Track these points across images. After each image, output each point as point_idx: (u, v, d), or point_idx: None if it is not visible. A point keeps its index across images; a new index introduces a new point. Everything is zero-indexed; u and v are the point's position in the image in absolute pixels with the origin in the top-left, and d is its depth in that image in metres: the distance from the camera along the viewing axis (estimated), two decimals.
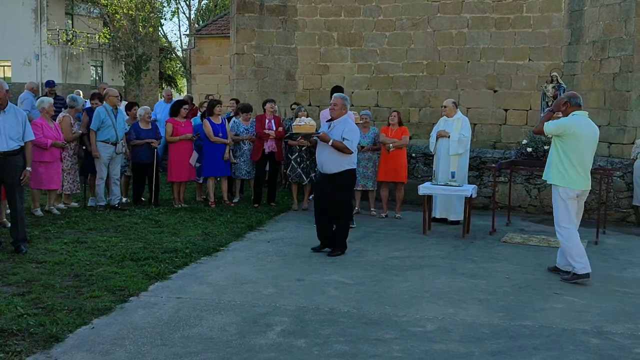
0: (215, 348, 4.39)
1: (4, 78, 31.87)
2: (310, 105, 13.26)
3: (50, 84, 12.96)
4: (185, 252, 6.88)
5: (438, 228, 8.94)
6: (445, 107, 9.38)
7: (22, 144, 6.77)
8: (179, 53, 39.86)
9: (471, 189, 8.48)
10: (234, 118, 10.54)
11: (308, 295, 5.66)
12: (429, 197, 8.73)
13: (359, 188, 9.80)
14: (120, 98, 9.98)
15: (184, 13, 47.85)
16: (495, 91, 12.96)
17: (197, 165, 9.91)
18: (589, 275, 6.30)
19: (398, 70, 13.41)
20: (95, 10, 35.32)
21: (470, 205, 8.59)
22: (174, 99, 12.35)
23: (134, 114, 9.85)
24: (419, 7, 13.15)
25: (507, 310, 5.41)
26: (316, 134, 7.27)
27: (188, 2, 37.52)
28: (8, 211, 7.53)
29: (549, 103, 10.28)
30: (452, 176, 8.76)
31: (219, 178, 10.13)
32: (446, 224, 9.19)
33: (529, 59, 12.67)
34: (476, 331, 4.87)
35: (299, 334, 4.70)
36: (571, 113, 6.43)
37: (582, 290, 6.09)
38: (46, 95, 11.78)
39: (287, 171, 9.98)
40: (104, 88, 10.11)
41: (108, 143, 9.06)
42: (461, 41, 13.00)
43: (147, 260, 6.49)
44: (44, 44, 32.68)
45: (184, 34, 43.46)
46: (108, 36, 34.09)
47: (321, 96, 13.33)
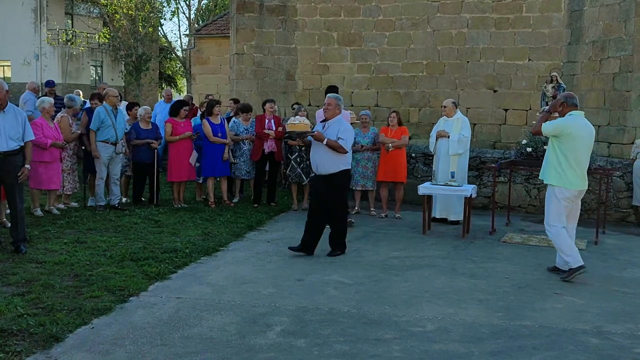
0: (215, 348, 4.39)
1: (4, 78, 31.87)
2: (310, 105, 13.26)
3: (50, 84, 12.95)
4: (185, 252, 6.88)
5: (438, 228, 8.94)
6: (445, 107, 9.38)
7: (22, 144, 6.77)
8: (179, 53, 39.86)
9: (471, 189, 8.48)
10: (234, 118, 10.54)
11: (308, 295, 5.66)
12: (429, 197, 8.73)
13: (359, 188, 9.81)
14: (120, 98, 9.98)
15: (184, 13, 47.90)
16: (495, 91, 12.97)
17: (197, 165, 9.92)
18: (584, 266, 6.37)
19: (398, 70, 13.42)
20: (95, 10, 35.30)
21: (470, 205, 8.59)
22: (174, 99, 12.36)
23: (135, 114, 9.86)
24: (419, 7, 13.16)
25: (507, 310, 5.41)
26: (310, 133, 7.15)
27: (188, 2, 37.54)
28: (8, 211, 7.53)
29: (549, 103, 10.27)
30: (452, 176, 8.77)
31: (219, 178, 10.13)
32: (446, 224, 9.19)
33: (529, 59, 12.68)
34: (476, 331, 4.88)
35: (299, 334, 4.70)
36: (568, 113, 6.46)
37: (582, 290, 6.10)
38: (46, 95, 11.77)
39: (287, 171, 9.98)
40: (104, 88, 10.11)
41: (108, 143, 9.06)
42: (461, 41, 13.01)
43: (147, 260, 6.49)
44: (44, 44, 32.66)
45: (184, 34, 43.54)
46: (108, 36, 34.07)
47: (321, 96, 13.27)
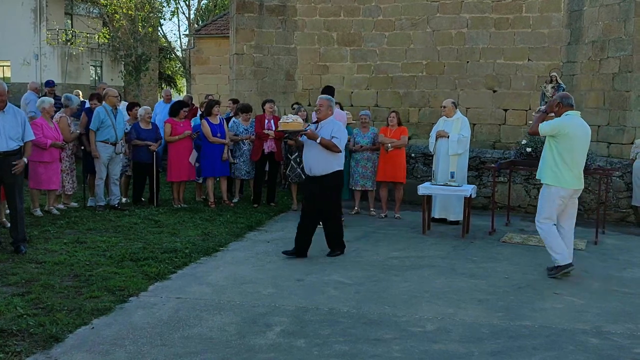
0: (214, 348, 4.39)
1: (4, 78, 31.87)
2: (309, 105, 13.24)
3: (50, 84, 12.95)
4: (184, 252, 6.88)
5: (437, 228, 8.95)
6: (444, 108, 9.38)
7: (22, 144, 6.78)
8: (179, 53, 39.83)
9: (470, 189, 8.49)
10: (234, 118, 10.54)
11: (308, 295, 5.66)
12: (429, 197, 8.73)
13: (358, 188, 9.81)
14: (120, 98, 9.97)
15: (184, 13, 47.92)
16: (494, 91, 12.97)
17: (197, 165, 9.92)
18: (572, 264, 6.45)
19: (397, 70, 13.42)
20: (94, 10, 35.26)
21: (469, 205, 8.59)
22: (174, 99, 12.36)
23: (135, 114, 9.86)
24: (419, 7, 13.16)
25: (507, 310, 5.42)
26: (304, 132, 7.03)
27: (187, 2, 37.49)
28: (8, 211, 7.53)
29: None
30: (452, 176, 8.77)
31: (218, 178, 10.13)
32: (445, 224, 9.20)
33: (529, 59, 12.68)
34: (476, 331, 4.88)
35: (299, 334, 4.70)
36: (564, 113, 6.50)
37: (582, 290, 6.10)
38: (46, 95, 11.77)
39: (287, 171, 9.98)
40: (104, 88, 10.11)
41: (107, 143, 9.06)
42: (460, 41, 13.01)
43: (147, 260, 6.49)
44: (44, 44, 32.63)
45: (184, 34, 43.52)
46: (107, 36, 34.04)
47: None
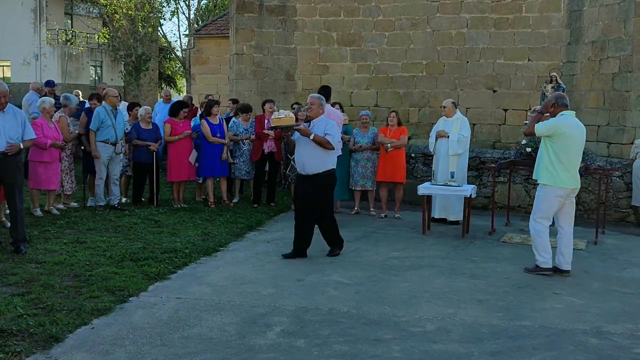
0: (214, 348, 4.39)
1: (3, 78, 31.86)
2: None
3: (50, 84, 12.95)
4: (184, 253, 6.88)
5: (437, 228, 8.95)
6: (444, 108, 9.38)
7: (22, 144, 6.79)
8: (179, 53, 39.80)
9: (470, 189, 8.49)
10: (234, 118, 10.54)
11: (307, 295, 5.66)
12: (429, 197, 8.73)
13: (358, 188, 9.81)
14: (120, 98, 9.97)
15: (184, 13, 47.89)
16: (494, 91, 12.97)
17: (196, 165, 9.91)
18: (552, 269, 6.58)
19: (397, 70, 13.42)
20: (94, 10, 35.24)
21: (469, 205, 8.59)
22: (174, 99, 12.36)
23: (136, 114, 9.86)
24: (419, 7, 13.16)
25: (507, 310, 5.42)
26: (297, 128, 6.93)
27: (187, 2, 37.46)
28: (7, 211, 7.53)
29: None
30: (452, 176, 8.77)
31: (218, 178, 10.13)
32: (445, 224, 9.20)
33: (528, 59, 12.68)
34: (475, 331, 4.88)
35: (299, 334, 4.70)
36: (559, 113, 6.55)
37: (582, 290, 6.10)
38: (46, 95, 11.77)
39: (287, 171, 9.98)
40: (104, 88, 10.11)
41: (107, 143, 9.06)
42: (460, 41, 13.01)
43: (147, 260, 6.49)
44: (43, 44, 32.62)
45: (184, 34, 43.45)
46: (107, 36, 34.01)
47: None
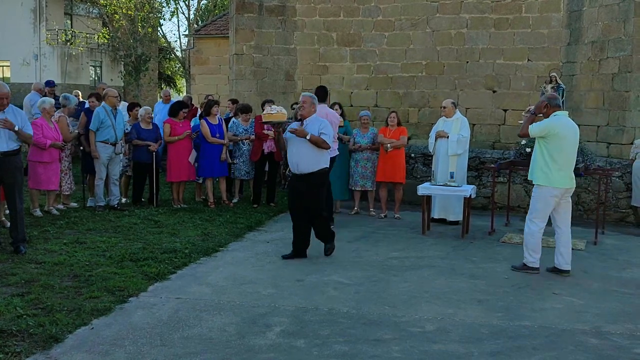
0: (214, 348, 4.39)
1: (3, 78, 31.87)
2: None
3: (50, 84, 12.94)
4: (184, 253, 6.88)
5: (437, 228, 8.95)
6: (444, 108, 9.38)
7: (21, 144, 6.80)
8: (178, 53, 39.81)
9: (470, 189, 8.49)
10: (233, 118, 10.54)
11: (307, 295, 5.66)
12: (428, 198, 8.73)
13: (358, 188, 9.81)
14: (119, 99, 9.97)
15: (183, 13, 47.81)
16: (494, 91, 12.98)
17: (196, 164, 9.90)
18: (539, 270, 6.65)
19: (397, 70, 13.42)
20: (94, 10, 35.25)
21: (469, 205, 8.59)
22: (173, 100, 12.36)
23: (136, 115, 9.86)
24: (418, 8, 13.17)
25: (506, 310, 5.42)
26: (292, 129, 6.88)
27: (187, 3, 37.46)
28: (7, 211, 7.52)
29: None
30: (451, 176, 8.77)
31: (218, 179, 10.13)
32: (445, 224, 9.20)
33: (528, 59, 12.69)
34: (475, 331, 4.88)
35: (299, 335, 4.70)
36: (552, 114, 6.58)
37: (581, 290, 6.10)
38: (45, 95, 11.76)
39: (287, 171, 9.98)
40: (104, 88, 10.11)
41: (107, 143, 9.06)
42: (460, 41, 13.01)
43: (147, 260, 6.49)
44: (43, 44, 32.62)
45: (183, 34, 43.37)
46: (107, 36, 34.01)
47: None
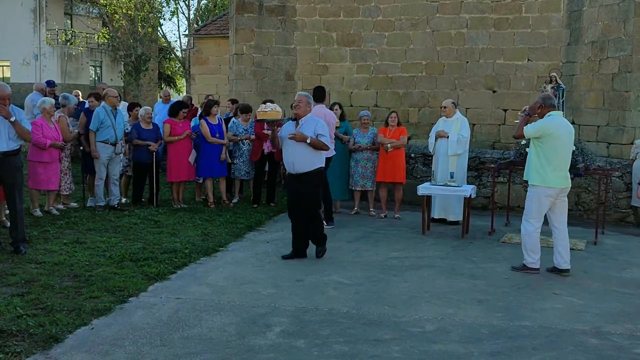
0: (214, 349, 4.39)
1: (3, 78, 31.87)
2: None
3: (50, 84, 12.93)
4: (184, 253, 6.89)
5: (437, 228, 8.95)
6: (444, 108, 9.38)
7: (21, 144, 6.81)
8: (178, 53, 39.80)
9: (470, 189, 8.49)
10: (233, 118, 10.53)
11: (307, 295, 5.66)
12: (428, 198, 8.73)
13: (358, 188, 9.81)
14: (119, 98, 9.97)
15: (183, 13, 47.79)
16: (494, 91, 12.97)
17: (195, 165, 9.90)
18: (539, 270, 6.65)
19: (397, 70, 13.41)
20: (94, 10, 35.26)
21: (469, 205, 8.59)
22: (173, 100, 12.36)
23: (136, 115, 9.86)
24: (418, 8, 13.16)
25: (506, 310, 5.42)
26: (285, 125, 7.01)
27: (187, 2, 37.44)
28: (7, 211, 7.53)
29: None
30: (451, 176, 8.77)
31: (218, 179, 10.13)
32: (445, 225, 9.20)
33: (528, 59, 12.68)
34: (475, 331, 4.88)
35: (299, 335, 4.70)
36: (547, 114, 6.61)
37: (581, 290, 6.11)
38: (46, 95, 11.76)
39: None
40: (104, 88, 10.11)
41: (107, 143, 9.06)
42: (460, 41, 13.00)
43: (147, 260, 6.49)
44: (43, 44, 32.63)
45: (183, 34, 43.37)
46: (107, 36, 34.00)
47: None
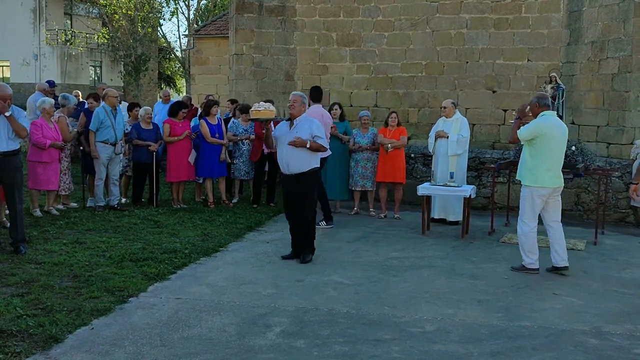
0: (214, 349, 4.39)
1: (3, 78, 31.88)
2: (309, 105, 13.23)
3: (50, 84, 12.93)
4: (184, 253, 6.88)
5: (437, 228, 8.95)
6: (444, 108, 9.38)
7: (21, 144, 6.82)
8: (178, 53, 39.82)
9: (470, 190, 8.49)
10: (233, 118, 10.53)
11: (307, 295, 5.66)
12: (428, 198, 8.73)
13: (358, 189, 9.81)
14: (120, 99, 9.96)
15: (183, 13, 47.72)
16: (494, 91, 12.97)
17: (195, 165, 9.89)
18: (538, 270, 6.62)
19: (397, 70, 13.42)
20: (94, 10, 35.28)
21: (469, 205, 8.59)
22: (173, 100, 12.36)
23: (136, 115, 9.86)
24: (418, 8, 13.16)
25: (506, 310, 5.42)
26: (279, 125, 7.06)
27: (187, 3, 37.46)
28: (7, 212, 7.53)
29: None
30: (451, 176, 8.76)
31: (217, 179, 10.13)
32: (445, 225, 9.20)
33: (528, 60, 12.68)
34: (475, 332, 4.88)
35: (298, 335, 4.70)
36: (540, 114, 6.61)
37: (581, 290, 6.11)
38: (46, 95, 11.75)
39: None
40: (103, 88, 10.11)
41: (107, 143, 9.06)
42: (460, 41, 13.01)
43: (147, 260, 6.49)
44: (43, 44, 32.65)
45: (183, 34, 43.39)
46: (107, 36, 34.01)
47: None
